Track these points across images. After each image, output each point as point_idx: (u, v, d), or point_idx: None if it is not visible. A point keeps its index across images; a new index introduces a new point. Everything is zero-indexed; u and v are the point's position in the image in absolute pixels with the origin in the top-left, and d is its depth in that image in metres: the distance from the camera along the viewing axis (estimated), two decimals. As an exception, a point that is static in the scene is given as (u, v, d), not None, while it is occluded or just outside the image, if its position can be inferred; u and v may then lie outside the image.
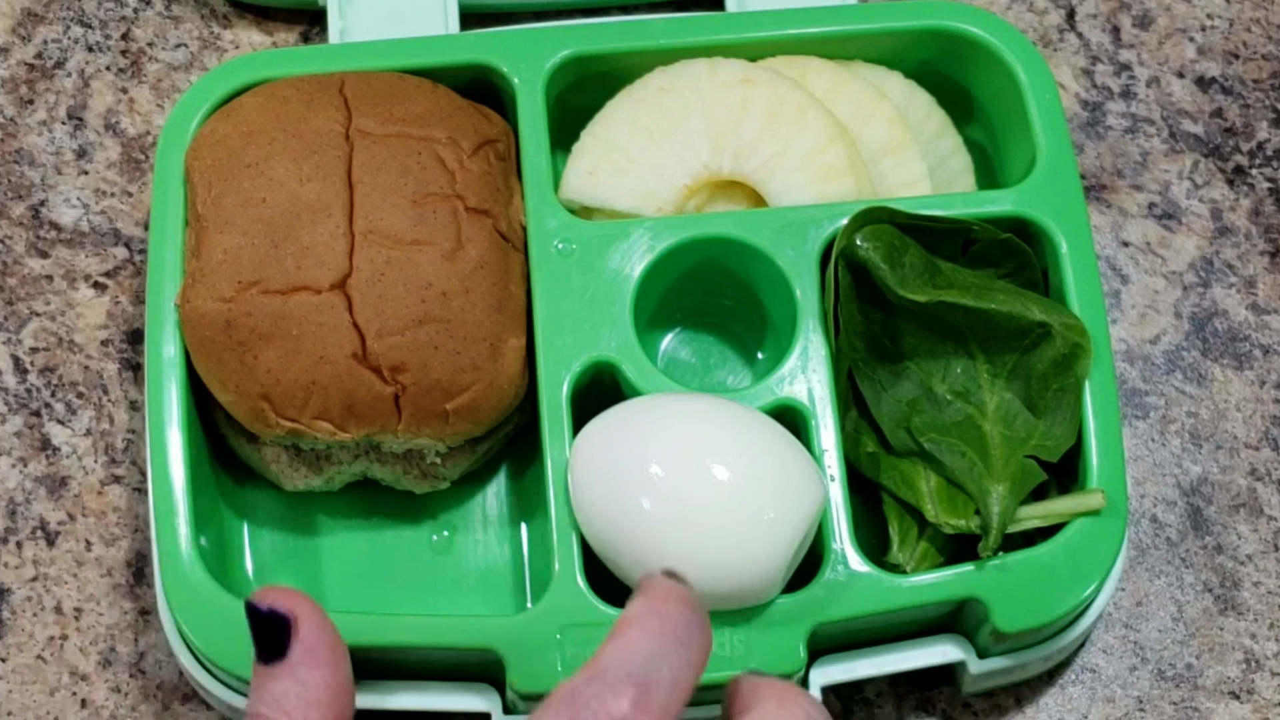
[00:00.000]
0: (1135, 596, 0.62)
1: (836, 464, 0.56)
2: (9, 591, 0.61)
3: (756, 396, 0.57)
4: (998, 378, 0.58)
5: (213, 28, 0.70)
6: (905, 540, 0.57)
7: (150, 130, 0.68)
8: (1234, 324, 0.66)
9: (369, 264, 0.56)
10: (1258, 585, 0.62)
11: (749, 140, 0.61)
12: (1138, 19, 0.71)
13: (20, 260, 0.66)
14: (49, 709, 0.60)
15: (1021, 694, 0.61)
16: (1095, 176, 0.68)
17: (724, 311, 0.62)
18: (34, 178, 0.67)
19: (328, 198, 0.57)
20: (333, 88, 0.60)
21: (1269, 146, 0.69)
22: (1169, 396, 0.65)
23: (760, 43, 0.63)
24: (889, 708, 0.60)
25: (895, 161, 0.62)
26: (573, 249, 0.59)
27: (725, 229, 0.59)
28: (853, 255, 0.57)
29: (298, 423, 0.56)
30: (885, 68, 0.64)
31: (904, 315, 0.57)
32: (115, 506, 0.62)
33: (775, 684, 0.43)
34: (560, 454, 0.56)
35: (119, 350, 0.64)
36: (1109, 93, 0.70)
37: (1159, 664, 0.61)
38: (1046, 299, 0.58)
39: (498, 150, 0.60)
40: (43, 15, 0.70)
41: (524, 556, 0.60)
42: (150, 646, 0.60)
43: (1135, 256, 0.67)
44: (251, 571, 0.60)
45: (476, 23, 0.68)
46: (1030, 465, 0.57)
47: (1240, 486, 0.64)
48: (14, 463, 0.63)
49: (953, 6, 0.63)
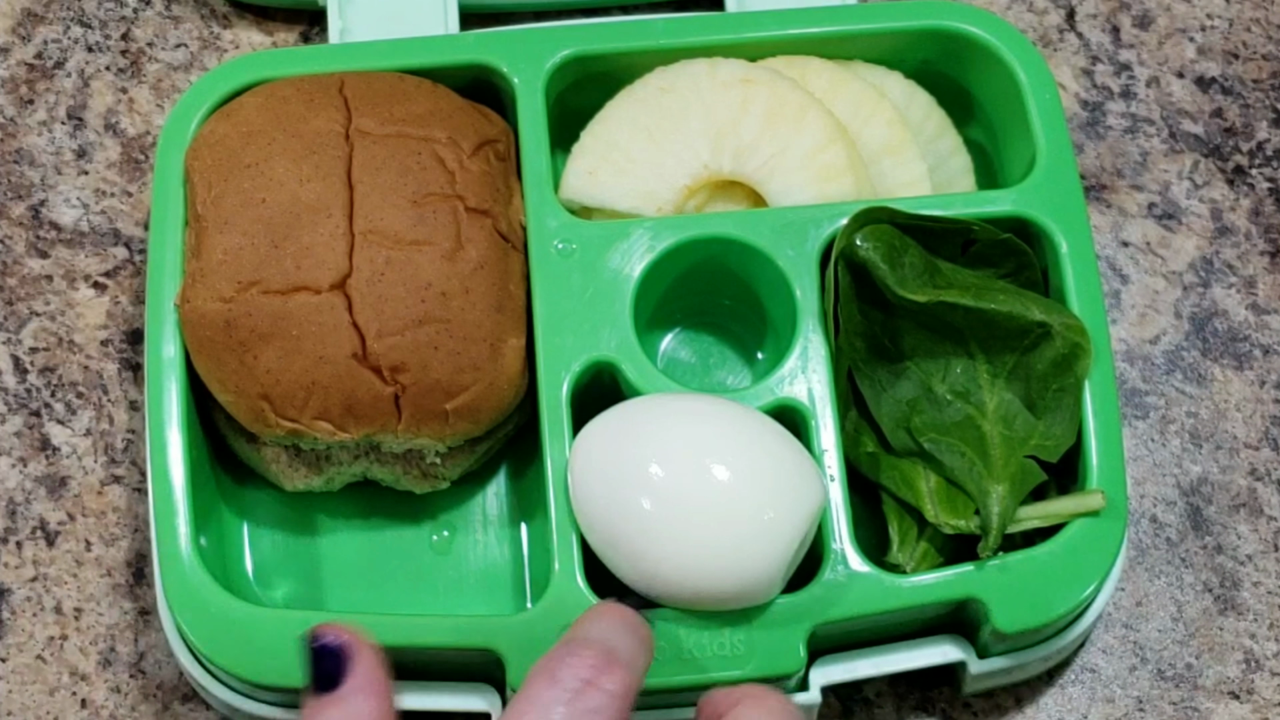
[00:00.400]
0: (1135, 596, 0.62)
1: (836, 464, 0.56)
2: (9, 591, 0.61)
3: (756, 396, 0.57)
4: (998, 378, 0.58)
5: (213, 28, 0.70)
6: (905, 540, 0.57)
7: (150, 130, 0.68)
8: (1234, 324, 0.66)
9: (369, 264, 0.56)
10: (1258, 585, 0.62)
11: (749, 140, 0.61)
12: (1138, 19, 0.71)
13: (20, 260, 0.66)
14: (49, 709, 0.60)
15: (1021, 694, 0.61)
16: (1095, 176, 0.68)
17: (724, 311, 0.62)
18: (34, 178, 0.67)
19: (328, 198, 0.57)
20: (333, 88, 0.60)
21: (1269, 146, 0.69)
22: (1169, 396, 0.65)
23: (760, 43, 0.63)
24: (889, 708, 0.60)
25: (895, 161, 0.62)
26: (573, 249, 0.59)
27: (725, 229, 0.59)
28: (853, 255, 0.57)
29: (298, 423, 0.56)
30: (885, 68, 0.64)
31: (904, 315, 0.57)
32: (115, 506, 0.62)
33: (749, 688, 0.47)
34: (560, 454, 0.56)
35: (119, 350, 0.64)
36: (1109, 93, 0.70)
37: (1159, 664, 0.61)
38: (1046, 299, 0.58)
39: (498, 150, 0.60)
40: (43, 15, 0.70)
41: (524, 556, 0.60)
42: (150, 646, 0.60)
43: (1135, 256, 0.67)
44: (251, 571, 0.60)
45: (476, 23, 0.68)
46: (1030, 465, 0.57)
47: (1240, 486, 0.64)
48: (14, 463, 0.63)
49: (953, 6, 0.63)
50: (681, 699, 0.55)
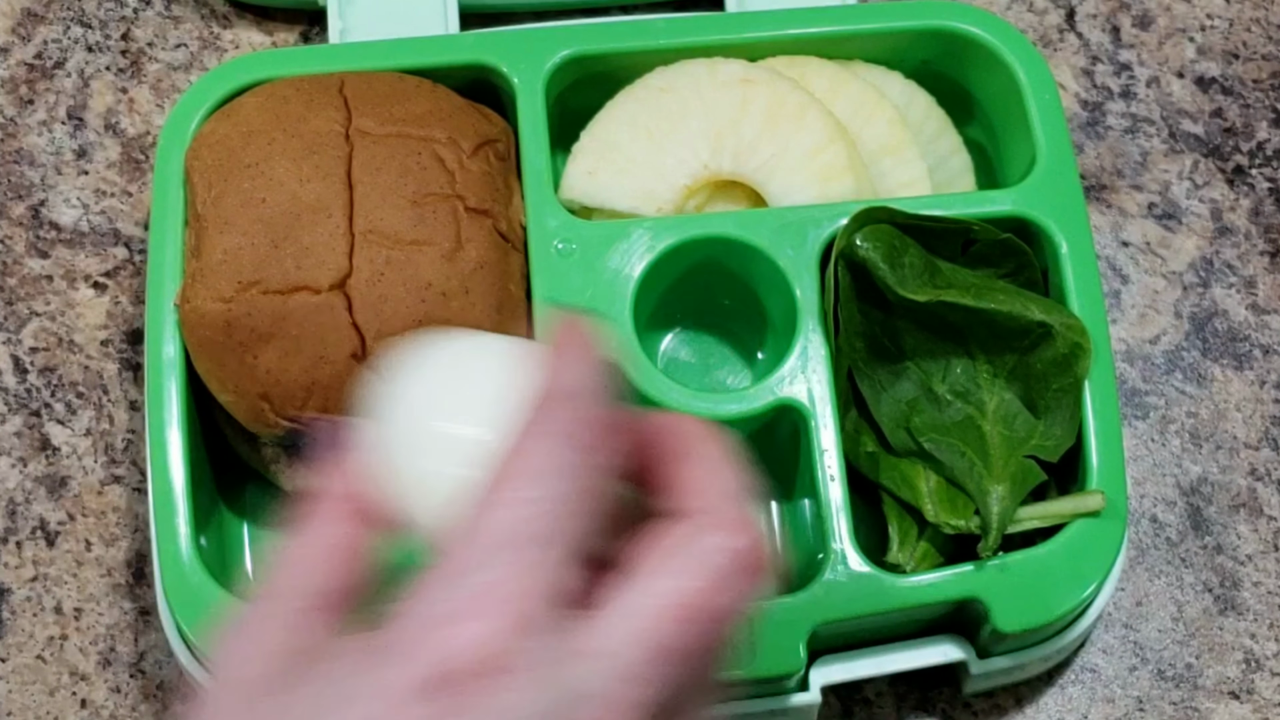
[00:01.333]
0: (1135, 596, 0.62)
1: (836, 464, 0.56)
2: (9, 591, 0.61)
3: (756, 396, 0.57)
4: (998, 378, 0.58)
5: (213, 28, 0.70)
6: (905, 540, 0.57)
7: (150, 130, 0.68)
8: (1234, 324, 0.66)
9: (369, 264, 0.56)
10: (1258, 585, 0.62)
11: (749, 140, 0.61)
12: (1138, 19, 0.71)
13: (20, 260, 0.66)
14: (49, 709, 0.60)
15: (1021, 694, 0.61)
16: (1095, 176, 0.68)
17: (724, 311, 0.62)
18: (34, 178, 0.67)
19: (328, 198, 0.57)
20: (333, 88, 0.60)
21: (1269, 146, 0.69)
22: (1169, 396, 0.65)
23: (760, 43, 0.63)
24: (889, 708, 0.60)
25: (895, 161, 0.62)
26: (573, 249, 0.59)
27: (725, 229, 0.59)
28: (853, 255, 0.57)
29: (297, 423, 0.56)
30: (885, 68, 0.64)
31: (904, 315, 0.57)
32: (115, 506, 0.62)
33: (694, 435, 0.41)
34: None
35: (119, 350, 0.64)
36: (1109, 93, 0.70)
37: (1159, 664, 0.61)
38: (1046, 299, 0.58)
39: (498, 150, 0.60)
40: (43, 15, 0.70)
41: (524, 556, 0.60)
42: (150, 646, 0.60)
43: (1135, 256, 0.67)
44: (251, 572, 0.60)
45: (476, 23, 0.68)
46: (1030, 465, 0.57)
47: (1240, 486, 0.64)
48: (14, 463, 0.63)
49: (953, 6, 0.63)
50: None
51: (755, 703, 0.56)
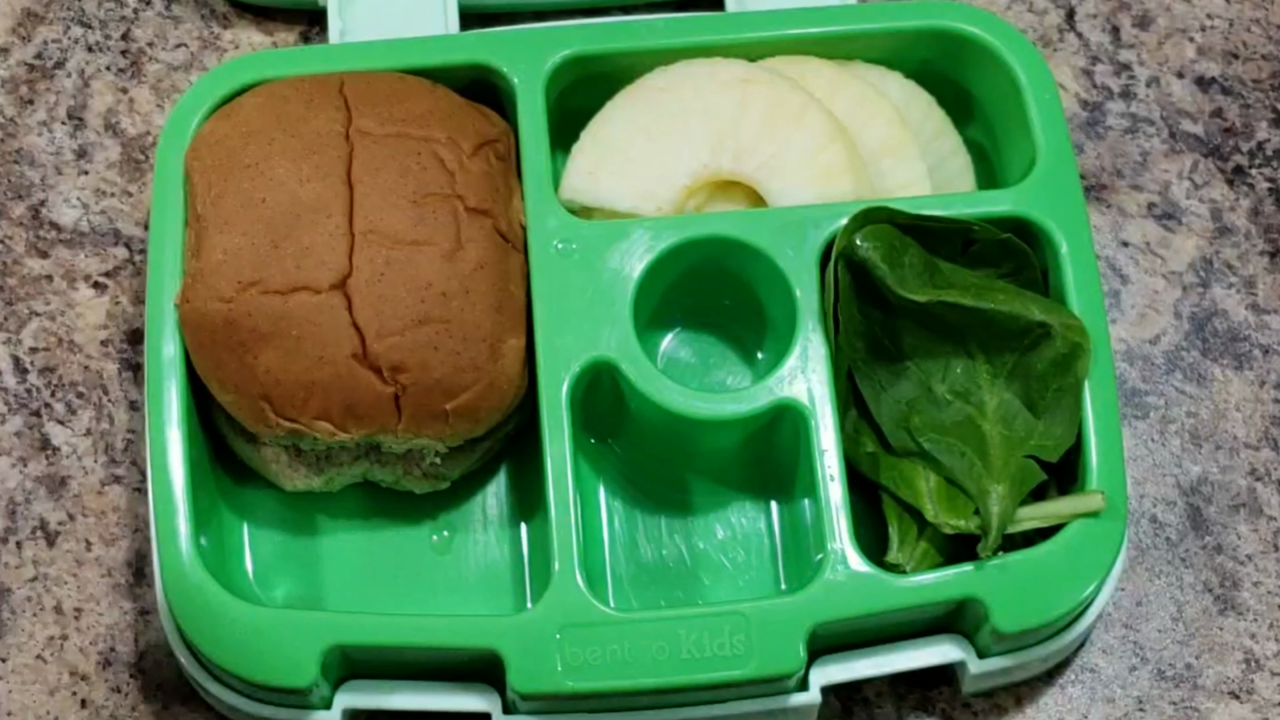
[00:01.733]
0: (1135, 596, 0.62)
1: (836, 464, 0.56)
2: (9, 591, 0.61)
3: (756, 396, 0.57)
4: (997, 378, 0.58)
5: (213, 28, 0.70)
6: (905, 540, 0.57)
7: (150, 130, 0.68)
8: (1234, 324, 0.66)
9: (369, 264, 0.56)
10: (1258, 585, 0.62)
11: (749, 140, 0.61)
12: (1138, 19, 0.71)
13: (20, 260, 0.66)
14: (49, 709, 0.60)
15: (1021, 694, 0.61)
16: (1095, 176, 0.68)
17: (724, 311, 0.62)
18: (34, 178, 0.67)
19: (328, 198, 0.57)
20: (333, 88, 0.60)
21: (1269, 146, 0.69)
22: (1169, 396, 0.65)
23: (760, 43, 0.63)
24: (889, 708, 0.60)
25: (895, 161, 0.62)
26: (573, 249, 0.59)
27: (725, 229, 0.59)
28: (852, 255, 0.57)
29: (297, 423, 0.56)
30: (885, 68, 0.64)
31: (904, 315, 0.57)
32: (115, 506, 0.62)
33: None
34: (560, 454, 0.56)
35: (119, 350, 0.64)
36: (1109, 93, 0.70)
37: (1159, 664, 0.61)
38: (1046, 299, 0.58)
39: (498, 150, 0.60)
40: (43, 15, 0.70)
41: (524, 556, 0.60)
42: (150, 646, 0.60)
43: (1135, 256, 0.67)
44: (251, 571, 0.60)
45: (476, 23, 0.68)
46: (1030, 465, 0.57)
47: (1240, 486, 0.64)
48: (14, 463, 0.63)
49: (953, 6, 0.63)
50: (682, 699, 0.55)
51: (755, 703, 0.56)
